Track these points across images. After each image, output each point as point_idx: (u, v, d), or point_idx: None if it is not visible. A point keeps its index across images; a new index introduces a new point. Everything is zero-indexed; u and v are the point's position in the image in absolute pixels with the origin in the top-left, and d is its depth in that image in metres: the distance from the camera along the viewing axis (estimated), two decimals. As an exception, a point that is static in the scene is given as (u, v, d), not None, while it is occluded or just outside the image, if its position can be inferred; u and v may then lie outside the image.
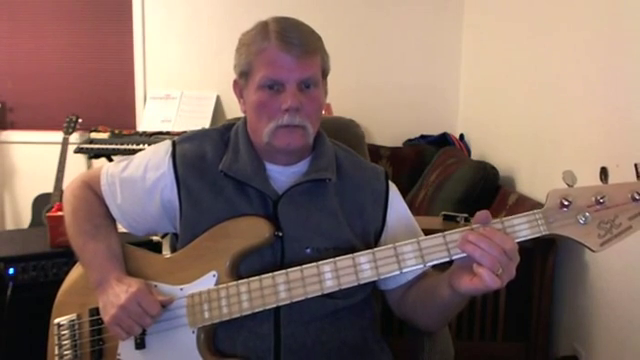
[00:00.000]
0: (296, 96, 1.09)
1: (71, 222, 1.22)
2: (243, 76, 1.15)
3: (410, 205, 1.29)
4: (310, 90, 1.11)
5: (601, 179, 0.95)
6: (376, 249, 1.02)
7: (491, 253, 0.92)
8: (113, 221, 1.24)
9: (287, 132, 1.11)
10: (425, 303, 1.13)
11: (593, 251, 0.95)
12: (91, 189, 1.24)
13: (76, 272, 1.24)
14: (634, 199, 0.93)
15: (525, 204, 2.31)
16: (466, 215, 2.10)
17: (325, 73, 1.18)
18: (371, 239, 1.19)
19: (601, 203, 0.94)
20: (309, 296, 1.02)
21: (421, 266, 1.00)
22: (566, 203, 0.94)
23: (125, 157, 1.26)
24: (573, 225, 0.95)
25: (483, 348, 2.12)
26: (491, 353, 2.13)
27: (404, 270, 1.00)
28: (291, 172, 1.18)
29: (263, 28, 1.12)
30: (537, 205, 2.19)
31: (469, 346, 2.09)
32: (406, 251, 1.00)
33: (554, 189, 0.97)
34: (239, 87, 1.19)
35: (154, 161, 1.20)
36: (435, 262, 0.99)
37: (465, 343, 2.09)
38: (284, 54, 1.08)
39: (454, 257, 0.98)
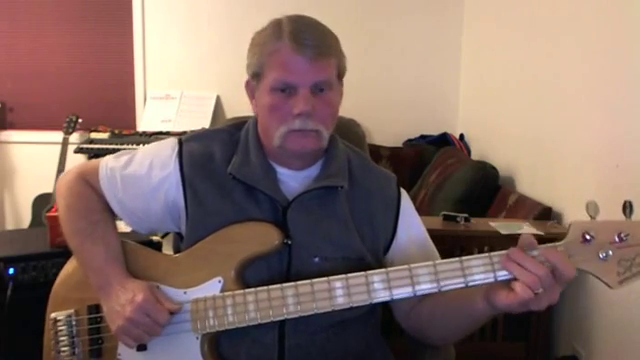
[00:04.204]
0: (309, 100, 1.04)
1: (66, 219, 1.17)
2: (255, 77, 1.11)
3: (410, 205, 1.27)
4: (324, 94, 1.07)
5: (624, 213, 0.93)
6: (390, 269, 1.00)
7: (534, 272, 0.90)
8: (112, 215, 1.18)
9: (300, 136, 1.07)
10: (446, 315, 1.10)
11: (611, 287, 0.94)
12: (87, 183, 1.17)
13: (72, 264, 1.20)
14: None
15: (525, 204, 2.31)
16: (466, 215, 2.10)
17: (341, 75, 1.12)
18: (380, 248, 1.16)
19: (623, 240, 0.93)
20: (319, 312, 1.00)
21: (436, 290, 0.98)
22: (588, 238, 0.93)
23: (125, 151, 1.21)
24: (593, 260, 0.94)
25: (483, 348, 2.12)
26: (491, 353, 2.13)
27: (418, 293, 0.98)
28: (302, 176, 1.15)
29: (276, 27, 1.07)
30: (537, 205, 2.21)
31: (469, 346, 2.08)
32: (421, 274, 0.98)
33: (577, 221, 0.95)
34: (251, 87, 1.14)
35: (160, 159, 1.16)
36: (451, 287, 0.97)
37: (465, 343, 2.07)
38: (297, 56, 1.03)
39: (470, 284, 0.96)
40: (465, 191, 2.63)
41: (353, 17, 3.65)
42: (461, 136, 3.56)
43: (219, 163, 1.14)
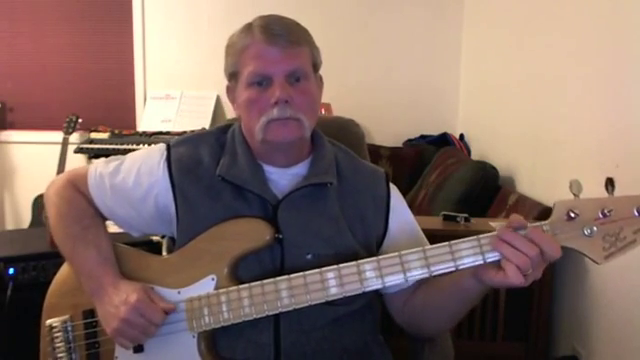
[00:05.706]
0: (284, 88, 1.06)
1: (58, 225, 1.17)
2: (233, 77, 1.13)
3: (410, 205, 1.28)
4: (300, 83, 1.09)
5: (607, 189, 0.94)
6: (381, 257, 1.01)
7: (526, 252, 0.91)
8: (102, 220, 1.19)
9: (280, 125, 1.07)
10: (438, 303, 1.11)
11: (597, 263, 0.95)
12: (77, 189, 1.19)
13: (64, 272, 1.21)
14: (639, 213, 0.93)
15: (525, 204, 2.31)
16: (466, 215, 2.10)
17: (316, 67, 1.14)
18: (373, 246, 1.17)
19: (607, 216, 0.94)
20: (313, 303, 1.01)
21: (427, 275, 0.99)
22: (573, 215, 0.94)
23: (115, 157, 1.22)
24: (579, 237, 0.95)
25: (483, 348, 2.12)
26: (491, 353, 2.13)
27: (409, 279, 1.00)
28: (290, 174, 1.15)
29: (247, 26, 1.11)
30: (537, 205, 2.21)
31: (469, 346, 2.09)
32: (411, 259, 0.99)
33: (561, 200, 0.96)
34: (231, 92, 1.16)
35: (147, 166, 1.16)
36: (441, 271, 0.98)
37: (465, 343, 2.08)
38: (269, 46, 1.06)
39: (460, 267, 0.97)
40: (465, 191, 2.63)
41: (353, 17, 3.66)
42: (461, 136, 3.56)
43: (207, 166, 1.14)
